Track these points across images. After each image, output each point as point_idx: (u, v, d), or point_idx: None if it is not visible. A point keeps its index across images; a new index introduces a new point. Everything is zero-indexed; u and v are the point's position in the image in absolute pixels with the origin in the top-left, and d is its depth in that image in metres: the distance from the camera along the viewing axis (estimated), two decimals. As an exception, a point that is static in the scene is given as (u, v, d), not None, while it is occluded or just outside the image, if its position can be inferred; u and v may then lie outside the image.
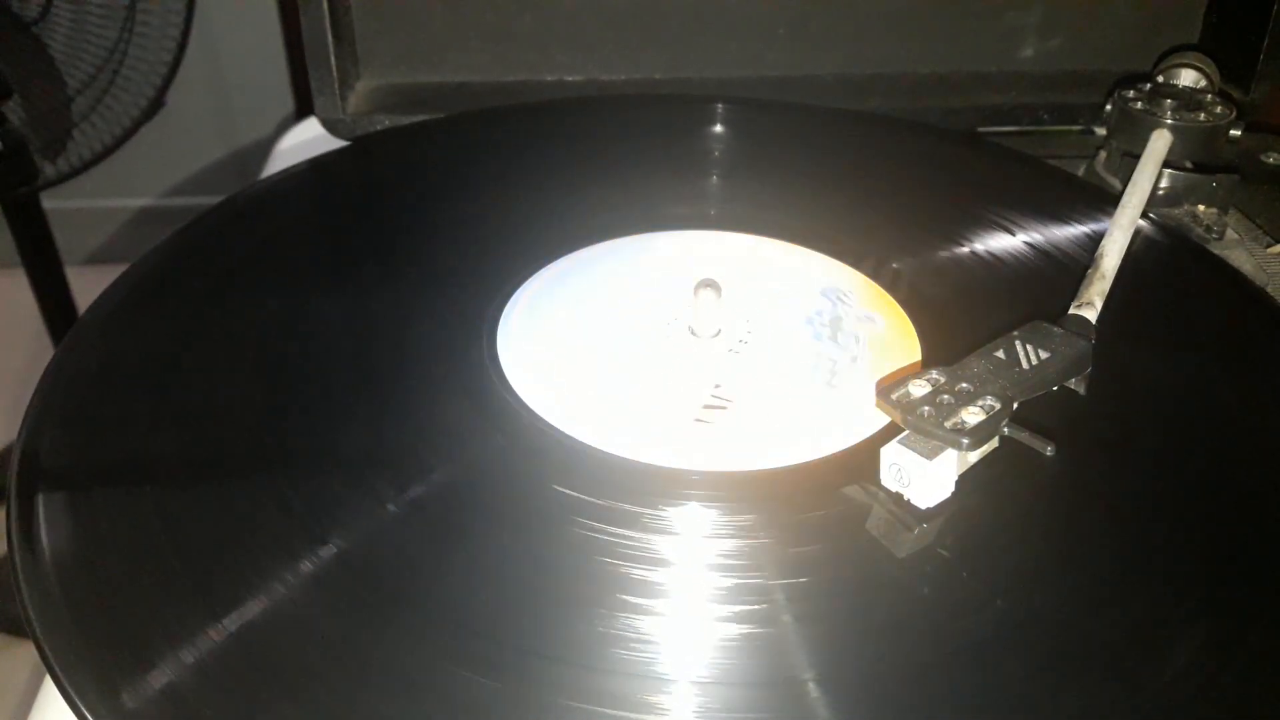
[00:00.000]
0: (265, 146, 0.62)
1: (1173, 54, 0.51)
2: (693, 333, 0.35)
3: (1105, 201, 0.41)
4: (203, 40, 1.34)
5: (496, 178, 0.44)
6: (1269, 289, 0.40)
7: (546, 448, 0.30)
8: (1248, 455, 0.31)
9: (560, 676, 0.23)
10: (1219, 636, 0.25)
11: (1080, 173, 0.48)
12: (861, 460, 0.29)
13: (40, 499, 0.27)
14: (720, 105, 0.49)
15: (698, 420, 0.31)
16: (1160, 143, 0.43)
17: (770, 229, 0.40)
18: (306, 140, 0.58)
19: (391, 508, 0.27)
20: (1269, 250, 0.43)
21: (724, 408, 0.31)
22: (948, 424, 0.27)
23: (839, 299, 0.36)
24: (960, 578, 0.26)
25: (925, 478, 0.27)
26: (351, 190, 0.44)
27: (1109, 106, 0.47)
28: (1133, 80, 0.47)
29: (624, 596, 0.25)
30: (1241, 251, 0.42)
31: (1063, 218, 0.41)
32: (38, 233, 0.98)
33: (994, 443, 0.29)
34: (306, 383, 0.32)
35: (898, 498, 0.28)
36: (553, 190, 0.43)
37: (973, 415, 0.27)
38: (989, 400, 0.28)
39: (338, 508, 0.27)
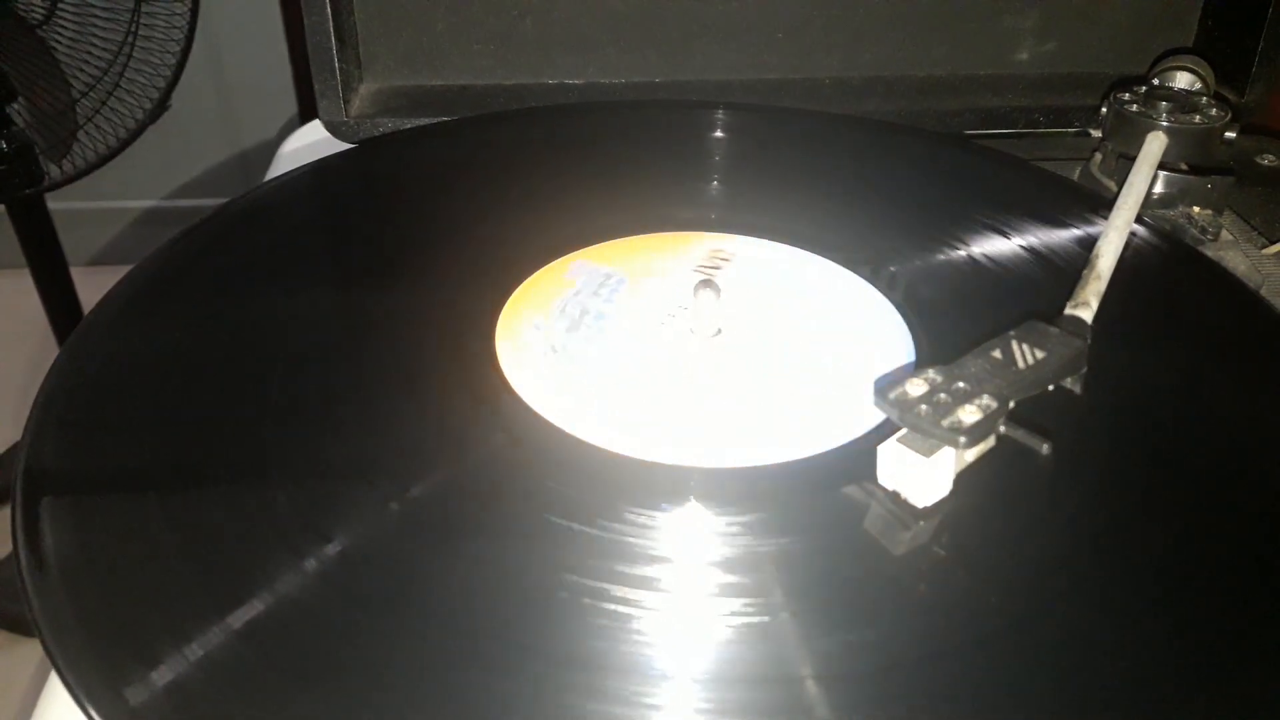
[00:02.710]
0: (269, 149, 0.62)
1: (1168, 57, 0.51)
2: (693, 333, 0.35)
3: (1101, 203, 0.41)
4: (207, 43, 1.34)
5: (498, 180, 0.45)
6: (1263, 290, 0.40)
7: (547, 447, 0.30)
8: (1242, 455, 0.31)
9: (561, 675, 0.23)
10: (1217, 635, 0.25)
11: (1076, 175, 0.48)
12: (860, 459, 0.29)
13: (44, 498, 0.27)
14: (720, 110, 0.49)
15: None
16: (1155, 145, 0.44)
17: (770, 231, 0.41)
18: (310, 143, 0.58)
19: (394, 506, 0.28)
20: (1264, 251, 0.43)
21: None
22: (945, 422, 0.27)
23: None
24: (957, 576, 0.26)
25: (922, 476, 0.27)
26: (354, 193, 0.45)
27: (1104, 109, 0.47)
28: (1128, 83, 0.47)
29: (624, 594, 0.25)
30: (1236, 253, 0.42)
31: (1058, 220, 0.41)
32: (43, 234, 0.98)
33: (990, 442, 0.29)
34: (310, 383, 0.33)
35: (895, 496, 0.28)
36: (553, 192, 0.44)
37: (969, 414, 0.28)
38: (985, 399, 0.28)
39: (341, 507, 0.28)
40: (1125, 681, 0.24)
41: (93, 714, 0.22)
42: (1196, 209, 0.44)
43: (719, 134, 0.49)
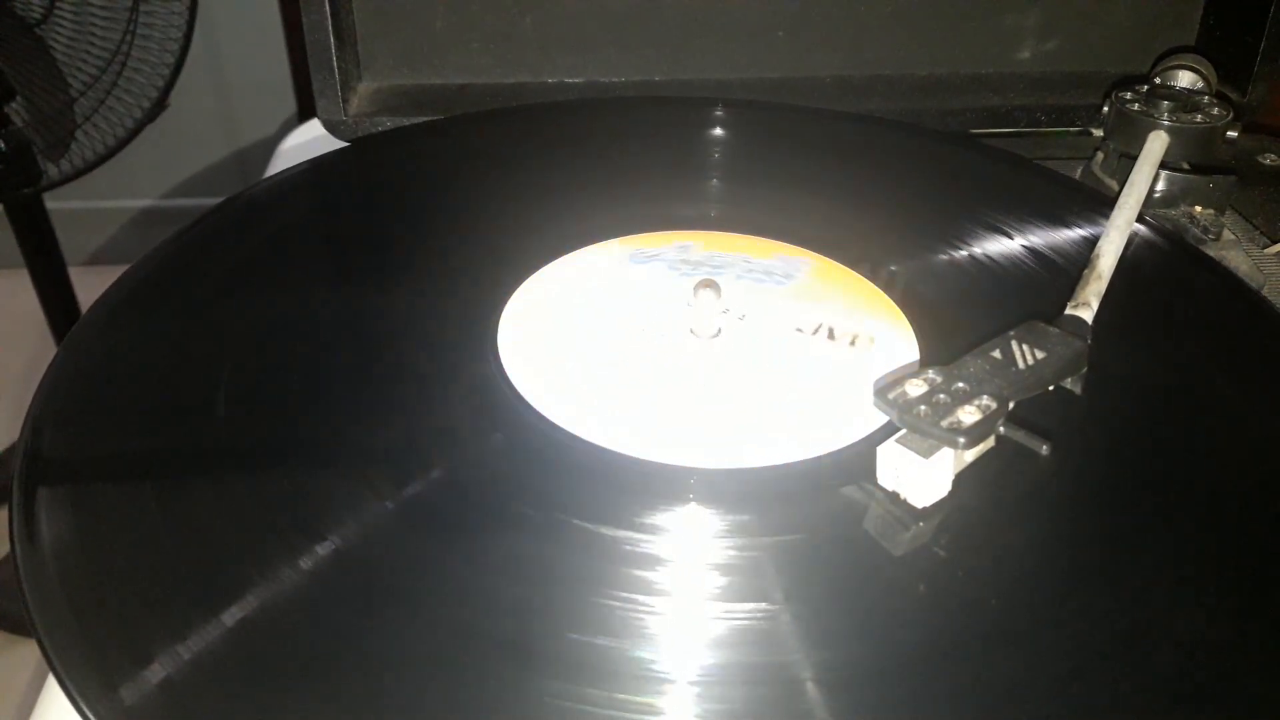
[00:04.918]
0: (267, 148, 0.62)
1: (1170, 56, 0.51)
2: (693, 333, 0.35)
3: (1102, 203, 0.41)
4: (206, 42, 1.34)
5: (497, 178, 0.45)
6: (1265, 290, 0.40)
7: (548, 446, 0.30)
8: (1243, 455, 0.31)
9: (561, 675, 0.23)
10: (1216, 636, 0.25)
11: (1078, 174, 0.48)
12: (860, 460, 0.29)
13: (42, 498, 0.27)
14: (720, 107, 0.49)
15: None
16: (1157, 144, 0.43)
17: (769, 230, 0.41)
18: (308, 141, 0.58)
19: (391, 506, 0.28)
20: (1265, 251, 0.43)
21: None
22: (944, 423, 0.27)
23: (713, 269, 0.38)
24: (956, 576, 0.26)
25: (922, 476, 0.27)
26: (353, 191, 0.44)
27: (1106, 108, 0.47)
28: (1130, 82, 0.47)
29: (624, 595, 0.25)
30: (1238, 252, 0.42)
31: (1060, 219, 0.41)
32: (41, 233, 0.98)
33: (990, 442, 0.29)
34: (307, 382, 0.33)
35: (894, 497, 0.28)
36: (553, 191, 0.44)
37: (969, 414, 0.27)
38: (985, 400, 0.28)
39: (338, 506, 0.27)
40: (1125, 682, 0.24)
41: (88, 712, 0.22)
42: (1198, 208, 0.44)
43: (719, 131, 0.49)
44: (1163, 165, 0.43)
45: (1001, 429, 0.28)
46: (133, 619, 0.24)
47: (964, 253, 0.39)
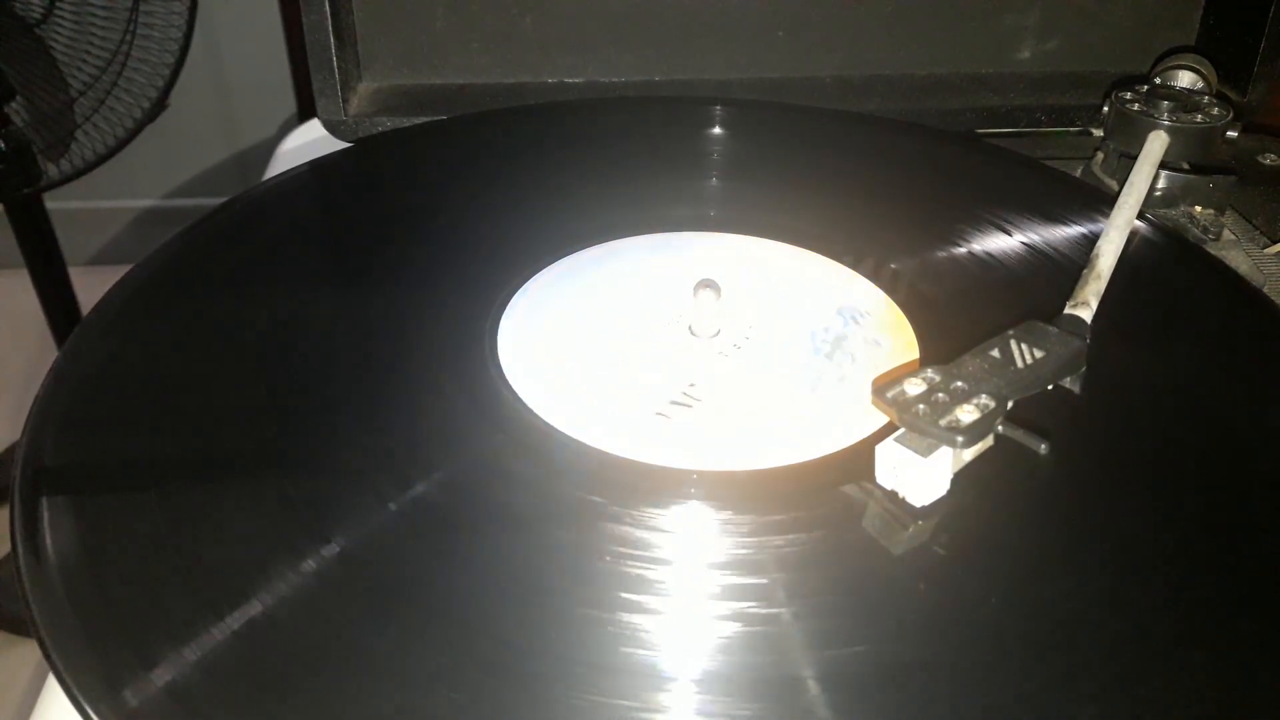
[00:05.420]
0: (268, 148, 0.62)
1: (1170, 56, 0.51)
2: (693, 333, 0.35)
3: (1102, 202, 0.41)
4: (206, 42, 1.34)
5: (497, 179, 0.45)
6: (1265, 289, 0.40)
7: (547, 447, 0.30)
8: (1242, 455, 0.31)
9: (560, 675, 0.23)
10: (1215, 635, 0.25)
11: (1078, 174, 0.48)
12: (858, 460, 0.29)
13: (43, 498, 0.27)
14: (719, 106, 0.49)
15: (658, 414, 0.31)
16: (1157, 144, 0.43)
17: (769, 230, 0.41)
18: (309, 142, 0.58)
19: (393, 507, 0.28)
20: (1265, 251, 0.43)
21: (690, 406, 0.32)
22: (943, 422, 0.27)
23: (852, 319, 0.36)
24: (955, 575, 0.26)
25: (920, 476, 0.27)
26: (353, 191, 0.44)
27: (1106, 108, 0.47)
28: (1130, 82, 0.47)
29: (624, 595, 0.25)
30: (1238, 252, 0.42)
31: (1059, 218, 0.41)
32: (41, 234, 0.98)
33: (989, 441, 0.29)
34: (309, 383, 0.33)
35: (893, 496, 0.28)
36: (553, 191, 0.44)
37: (967, 413, 0.27)
38: (984, 399, 0.28)
39: (339, 507, 0.27)
40: (1125, 681, 0.24)
41: (89, 712, 0.22)
42: (1198, 208, 0.44)
43: (718, 131, 0.49)
44: (1163, 165, 0.43)
45: (1000, 428, 0.28)
46: (133, 618, 0.24)
47: (965, 251, 0.39)
